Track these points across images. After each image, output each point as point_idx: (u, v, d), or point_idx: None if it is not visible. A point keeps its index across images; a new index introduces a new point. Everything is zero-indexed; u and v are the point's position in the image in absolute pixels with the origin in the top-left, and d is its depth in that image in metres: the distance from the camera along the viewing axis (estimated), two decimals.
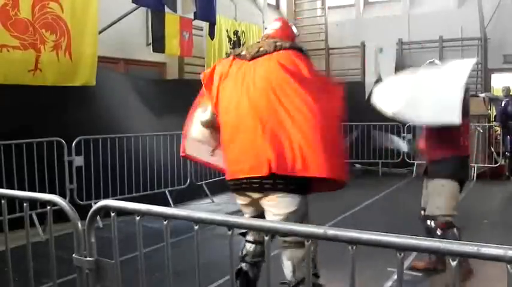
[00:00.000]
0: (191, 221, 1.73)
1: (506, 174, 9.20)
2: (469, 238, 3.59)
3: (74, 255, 1.97)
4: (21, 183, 5.08)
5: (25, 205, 2.20)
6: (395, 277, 3.49)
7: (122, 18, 6.75)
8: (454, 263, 1.34)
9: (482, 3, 9.94)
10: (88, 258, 1.94)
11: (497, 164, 9.27)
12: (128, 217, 1.96)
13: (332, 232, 1.46)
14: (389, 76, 9.92)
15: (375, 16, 11.65)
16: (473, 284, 3.69)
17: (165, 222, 1.81)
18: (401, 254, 1.38)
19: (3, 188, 3.08)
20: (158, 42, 7.41)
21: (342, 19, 12.03)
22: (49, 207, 2.09)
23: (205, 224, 1.75)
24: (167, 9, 7.12)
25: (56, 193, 2.43)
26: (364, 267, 3.16)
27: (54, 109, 5.62)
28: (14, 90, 5.20)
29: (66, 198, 5.26)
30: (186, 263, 1.98)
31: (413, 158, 9.49)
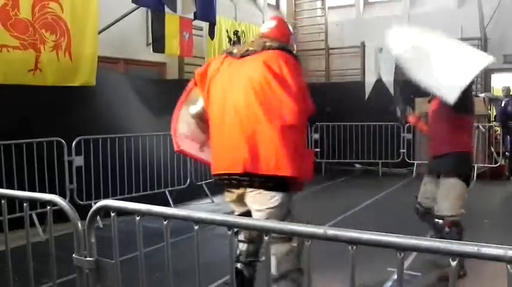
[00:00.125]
0: (191, 221, 1.74)
1: (506, 174, 9.21)
2: (469, 238, 3.61)
3: (74, 255, 1.98)
4: (21, 183, 5.08)
5: (25, 205, 2.20)
6: (395, 277, 3.51)
7: (122, 18, 6.75)
8: (454, 263, 1.34)
9: (482, 3, 9.94)
10: (88, 258, 1.94)
11: (497, 164, 9.27)
12: (128, 217, 1.96)
13: (332, 232, 1.46)
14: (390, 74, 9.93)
15: (375, 16, 11.65)
16: (473, 284, 3.70)
17: (165, 222, 1.81)
18: (402, 254, 1.38)
19: (3, 188, 3.08)
20: (158, 42, 7.41)
21: (342, 19, 12.03)
22: (49, 207, 2.09)
23: (205, 224, 1.75)
24: (167, 9, 7.12)
25: (56, 193, 2.42)
26: (364, 267, 3.16)
27: (54, 109, 5.62)
28: (14, 90, 5.20)
29: (66, 198, 5.26)
30: (186, 263, 1.98)
31: (413, 157, 9.50)
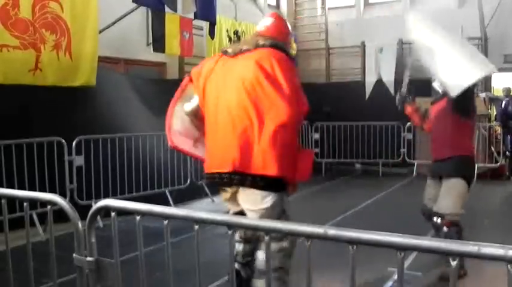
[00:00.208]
0: (191, 221, 1.74)
1: (507, 174, 9.20)
2: (469, 238, 3.61)
3: (74, 255, 1.98)
4: (21, 183, 5.07)
5: (25, 204, 2.20)
6: (395, 276, 3.51)
7: (122, 18, 6.75)
8: (454, 263, 1.34)
9: (483, 3, 9.94)
10: (88, 258, 1.94)
11: (498, 164, 9.26)
12: (128, 216, 1.97)
13: (332, 231, 1.46)
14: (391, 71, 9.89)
15: (375, 16, 11.64)
16: (473, 284, 3.70)
17: (165, 222, 1.81)
18: (402, 253, 1.38)
19: (4, 187, 3.08)
20: (158, 42, 7.40)
21: (342, 19, 12.03)
22: (49, 207, 2.10)
23: (206, 223, 1.75)
24: (167, 9, 7.12)
25: (56, 193, 2.42)
26: (364, 267, 3.16)
27: (54, 109, 5.62)
28: (14, 90, 5.19)
29: (66, 198, 5.25)
30: (187, 263, 1.98)
31: (413, 157, 9.49)
